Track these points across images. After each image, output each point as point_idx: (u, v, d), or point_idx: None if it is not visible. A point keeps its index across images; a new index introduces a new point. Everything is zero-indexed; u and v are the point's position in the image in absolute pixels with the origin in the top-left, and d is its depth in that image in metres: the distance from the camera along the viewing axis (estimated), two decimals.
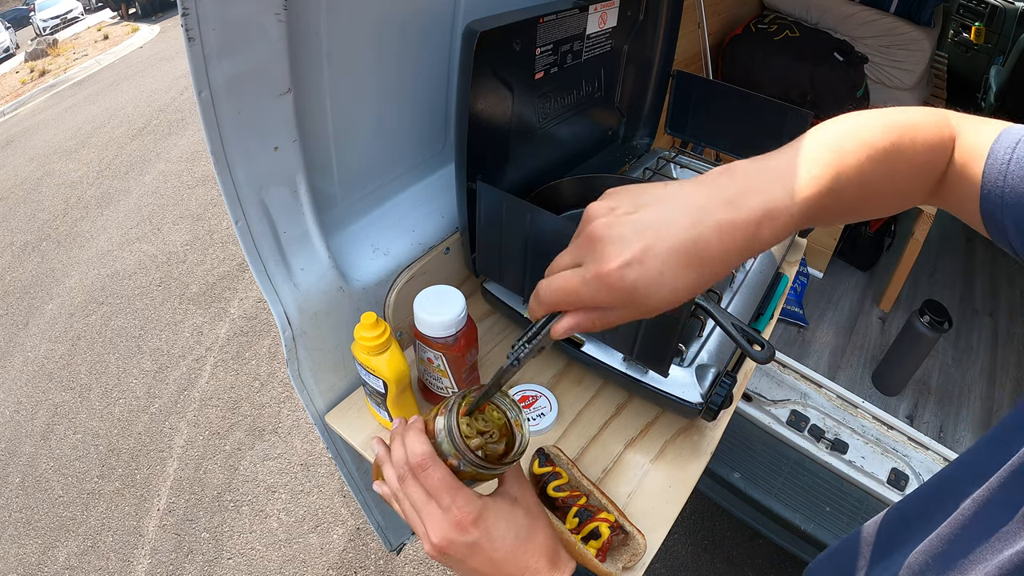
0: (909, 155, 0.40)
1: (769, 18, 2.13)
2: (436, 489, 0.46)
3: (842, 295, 2.05)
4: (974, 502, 0.35)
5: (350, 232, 0.78)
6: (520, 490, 0.50)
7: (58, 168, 5.02)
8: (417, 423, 0.50)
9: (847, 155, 0.38)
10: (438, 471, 0.46)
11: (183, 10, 0.44)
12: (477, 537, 0.45)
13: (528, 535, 0.47)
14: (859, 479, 1.27)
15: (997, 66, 3.54)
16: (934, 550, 0.37)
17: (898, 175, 0.40)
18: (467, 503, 0.45)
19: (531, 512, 0.49)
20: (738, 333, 0.63)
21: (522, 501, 0.49)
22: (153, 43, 10.16)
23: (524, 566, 0.46)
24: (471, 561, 0.46)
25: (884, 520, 0.47)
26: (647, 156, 1.14)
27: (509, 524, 0.47)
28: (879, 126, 0.40)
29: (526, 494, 0.50)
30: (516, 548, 0.46)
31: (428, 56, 0.75)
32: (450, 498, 0.45)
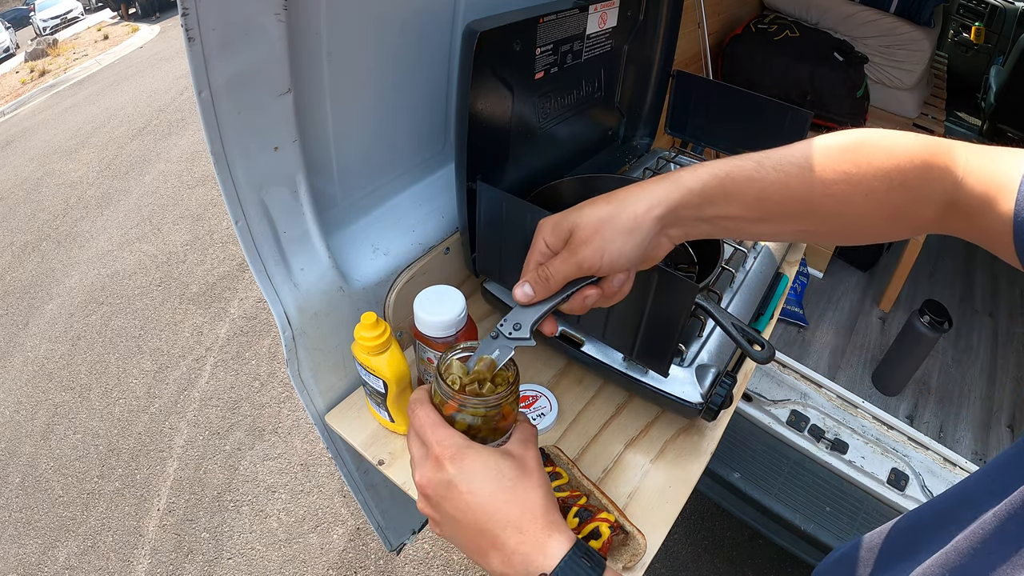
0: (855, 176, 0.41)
1: (769, 18, 2.13)
2: (420, 427, 0.45)
3: (842, 295, 2.05)
4: (995, 517, 0.34)
5: (350, 232, 0.78)
6: (520, 449, 0.46)
7: (58, 168, 5.02)
8: (424, 387, 0.49)
9: None
10: (421, 408, 0.45)
11: (183, 10, 0.44)
12: (453, 474, 0.42)
13: (512, 486, 0.43)
14: (859, 479, 1.27)
15: (997, 66, 3.54)
16: (951, 563, 0.36)
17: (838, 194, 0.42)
18: (446, 438, 0.43)
19: (524, 468, 0.44)
20: (738, 333, 0.63)
21: (518, 458, 0.45)
22: (153, 43, 10.17)
23: (505, 520, 0.41)
24: (447, 505, 0.43)
25: (894, 528, 0.46)
26: (647, 156, 1.14)
27: (491, 469, 0.43)
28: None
29: (526, 455, 0.46)
30: (496, 496, 0.42)
31: (428, 56, 0.75)
32: (431, 433, 0.44)
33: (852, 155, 0.42)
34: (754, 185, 0.44)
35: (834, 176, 0.42)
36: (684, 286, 0.60)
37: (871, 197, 0.42)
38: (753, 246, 0.93)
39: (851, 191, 0.42)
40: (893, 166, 0.42)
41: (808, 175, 0.42)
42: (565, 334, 0.78)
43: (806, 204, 0.43)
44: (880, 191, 0.42)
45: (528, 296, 0.49)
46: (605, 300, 0.50)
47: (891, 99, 2.38)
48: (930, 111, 2.51)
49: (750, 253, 0.91)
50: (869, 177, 0.42)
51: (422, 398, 0.46)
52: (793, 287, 1.88)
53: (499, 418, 0.47)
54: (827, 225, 0.45)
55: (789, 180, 0.43)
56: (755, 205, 0.44)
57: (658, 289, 0.62)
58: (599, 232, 0.45)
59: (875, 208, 0.43)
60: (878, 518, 1.24)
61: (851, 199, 0.42)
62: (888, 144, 0.42)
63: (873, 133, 0.43)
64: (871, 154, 0.42)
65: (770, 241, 0.47)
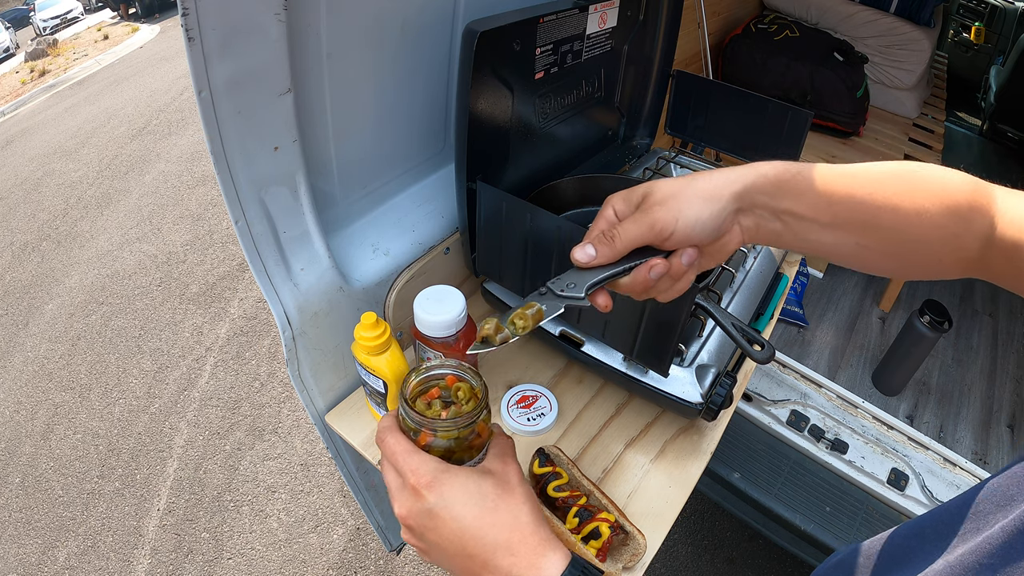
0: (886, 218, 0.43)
1: (769, 18, 2.13)
2: (392, 455, 0.43)
3: (842, 295, 2.05)
4: (1003, 531, 0.34)
5: (350, 232, 0.78)
6: (499, 465, 0.45)
7: (58, 168, 5.03)
8: (391, 412, 0.49)
9: None
10: (391, 436, 0.44)
11: (183, 10, 0.44)
12: (433, 503, 0.41)
13: (496, 507, 0.41)
14: (859, 479, 1.27)
15: (997, 66, 3.54)
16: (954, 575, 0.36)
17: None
18: (420, 465, 0.42)
19: (506, 485, 0.43)
20: (738, 333, 0.63)
21: (498, 475, 0.44)
22: (153, 43, 10.17)
23: (494, 543, 0.40)
24: (432, 535, 0.42)
25: (894, 535, 0.46)
26: (647, 156, 1.14)
27: (472, 492, 0.41)
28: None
29: (507, 470, 0.45)
30: (481, 519, 0.41)
31: (428, 56, 0.75)
32: (404, 462, 0.42)
33: (910, 177, 0.44)
34: (823, 186, 0.44)
35: (895, 192, 0.43)
36: None
37: (925, 218, 0.43)
38: (753, 246, 0.93)
39: (909, 207, 0.43)
40: (946, 193, 0.43)
41: (872, 187, 0.43)
42: (565, 334, 0.78)
43: (869, 215, 0.44)
44: (934, 213, 0.43)
45: (589, 256, 0.45)
46: (670, 280, 0.46)
47: (891, 99, 2.38)
48: (930, 111, 2.51)
49: (750, 253, 0.91)
50: (925, 198, 0.43)
51: (390, 425, 0.45)
52: (793, 287, 1.88)
53: (473, 436, 0.46)
54: (885, 242, 0.45)
55: (854, 188, 0.44)
56: (823, 208, 0.44)
57: None
58: (675, 196, 0.44)
59: (929, 231, 0.44)
60: (878, 518, 1.24)
61: (908, 217, 0.43)
62: (940, 174, 0.44)
63: (926, 164, 0.45)
64: (927, 179, 0.44)
65: (833, 257, 0.48)
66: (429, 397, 0.48)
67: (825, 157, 1.94)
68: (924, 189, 0.43)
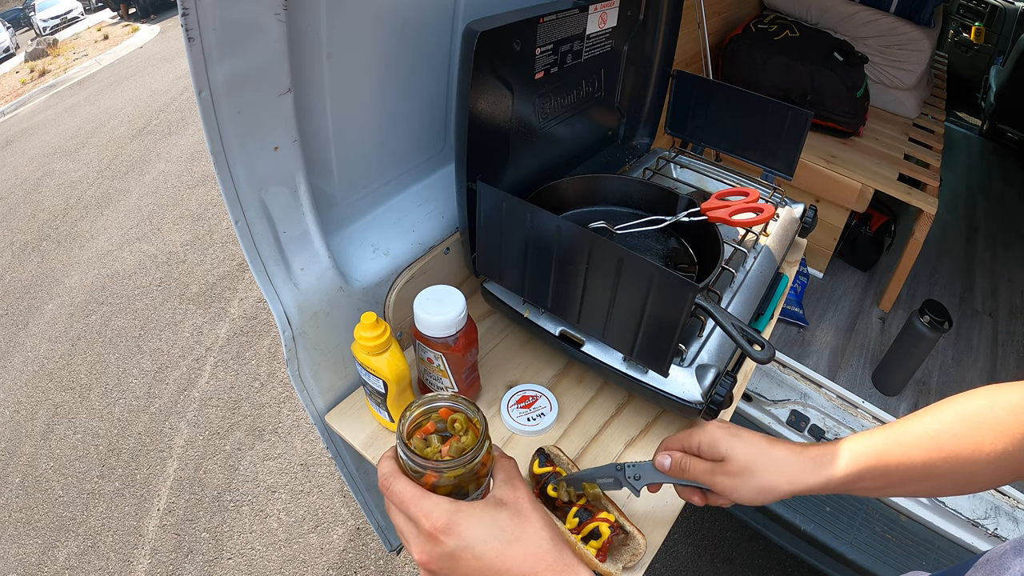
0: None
1: (769, 18, 2.13)
2: (401, 502, 0.43)
3: (842, 295, 2.05)
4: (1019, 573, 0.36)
5: (350, 232, 0.78)
6: (510, 492, 0.45)
7: (58, 168, 5.02)
8: (390, 450, 0.47)
9: None
10: (397, 483, 0.43)
11: (183, 10, 0.44)
12: (453, 546, 0.41)
13: (516, 538, 0.42)
14: None
15: (997, 66, 3.54)
16: None
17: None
18: (433, 509, 0.42)
19: (520, 513, 0.44)
20: (738, 333, 0.63)
21: (511, 504, 0.44)
22: (153, 43, 10.16)
23: (520, 575, 0.41)
24: (457, 575, 0.42)
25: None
26: (647, 156, 1.14)
27: (489, 528, 0.42)
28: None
29: (518, 496, 0.45)
30: (503, 553, 0.41)
31: (428, 56, 0.75)
32: (415, 507, 0.42)
33: (975, 425, 0.48)
34: (882, 465, 0.50)
35: (959, 447, 0.48)
36: (684, 286, 0.60)
37: (980, 458, 0.47)
38: (753, 246, 0.93)
39: (972, 457, 0.48)
40: (1003, 435, 0.47)
41: (933, 450, 0.49)
42: (565, 334, 0.78)
43: (926, 473, 0.49)
44: (994, 455, 0.47)
45: (664, 468, 0.59)
46: (698, 502, 0.60)
47: (891, 99, 2.38)
48: (930, 111, 2.51)
49: (750, 253, 0.91)
50: (981, 443, 0.47)
51: (392, 471, 0.45)
52: (793, 287, 1.88)
53: (479, 467, 0.45)
54: (944, 487, 0.51)
55: (913, 456, 0.49)
56: (882, 480, 0.51)
57: (658, 289, 0.62)
58: (742, 476, 0.54)
59: (985, 466, 0.48)
60: (878, 518, 1.24)
61: (964, 463, 0.48)
62: (996, 416, 0.48)
63: (982, 402, 0.49)
64: (982, 431, 0.47)
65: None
66: (424, 432, 0.46)
67: (825, 157, 1.94)
68: (985, 431, 0.47)
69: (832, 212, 1.94)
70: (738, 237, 0.91)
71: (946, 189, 2.52)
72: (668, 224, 0.83)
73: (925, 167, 2.09)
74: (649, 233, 0.87)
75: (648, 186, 0.91)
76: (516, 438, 0.75)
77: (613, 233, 0.83)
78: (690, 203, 0.85)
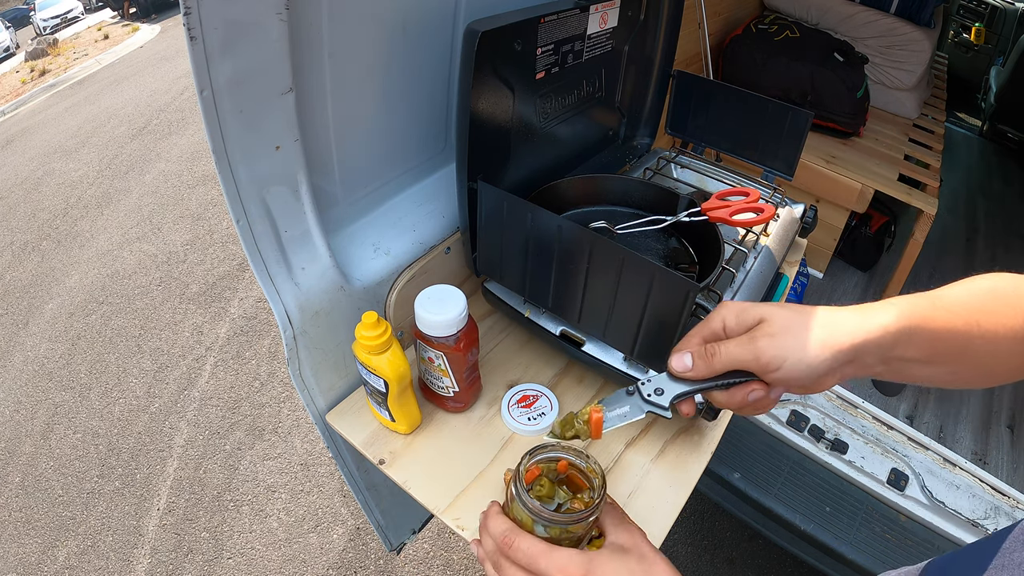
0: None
1: (769, 18, 2.13)
2: (530, 559, 0.43)
3: (842, 295, 2.05)
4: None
5: (351, 231, 0.78)
6: (627, 537, 0.46)
7: (58, 168, 5.03)
8: (494, 506, 0.48)
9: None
10: (523, 541, 0.44)
11: (185, 9, 0.44)
12: None
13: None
14: (859, 479, 1.27)
15: (997, 67, 3.54)
16: None
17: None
18: (569, 561, 0.42)
19: (646, 559, 0.44)
20: None
21: (633, 549, 0.45)
22: (153, 43, 10.17)
23: None
24: None
25: (932, 564, 0.47)
26: (647, 156, 1.14)
27: (623, 574, 0.43)
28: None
29: (635, 539, 0.46)
30: None
31: (429, 56, 0.75)
32: (548, 563, 0.42)
33: (1003, 296, 0.46)
34: (929, 327, 0.45)
35: (988, 317, 0.45)
36: (684, 286, 0.60)
37: (1017, 338, 0.45)
38: (753, 246, 0.93)
39: (1002, 331, 0.45)
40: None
41: (968, 315, 0.45)
42: (566, 333, 0.78)
43: (964, 345, 0.46)
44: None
45: (685, 368, 0.47)
46: (764, 404, 0.48)
47: (891, 100, 2.38)
48: (930, 112, 2.52)
49: (750, 253, 0.91)
50: (1016, 317, 0.45)
51: (512, 527, 0.45)
52: (793, 287, 1.88)
53: (599, 514, 0.46)
54: (977, 367, 0.47)
55: (955, 322, 0.45)
56: (927, 347, 0.46)
57: (659, 289, 0.62)
58: (790, 332, 0.44)
59: (1015, 345, 0.46)
60: (878, 518, 1.25)
61: (1001, 341, 0.45)
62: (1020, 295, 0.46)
63: (1006, 282, 0.47)
64: (1018, 296, 0.46)
65: (922, 383, 0.51)
66: (531, 477, 0.47)
67: (825, 157, 1.94)
68: (1015, 307, 0.45)
69: (832, 212, 1.94)
70: (738, 237, 0.92)
71: (946, 189, 2.52)
72: (669, 224, 0.83)
73: (925, 167, 2.10)
74: (650, 233, 0.87)
75: (649, 186, 0.92)
76: (517, 437, 0.75)
77: (614, 233, 0.83)
78: (690, 203, 0.85)
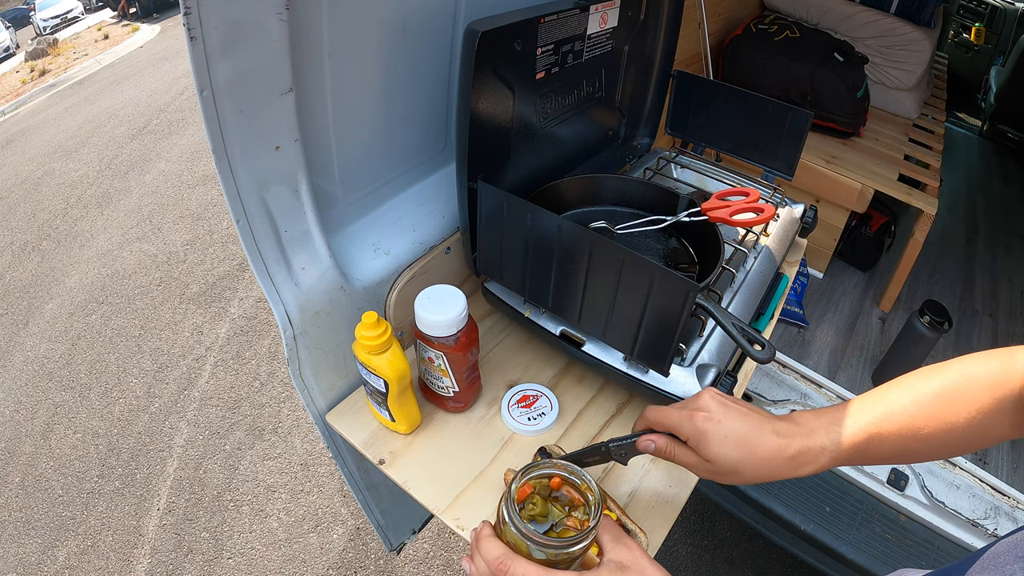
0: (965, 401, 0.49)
1: (769, 18, 2.13)
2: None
3: (842, 295, 2.05)
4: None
5: (351, 231, 0.78)
6: (627, 553, 0.45)
7: (58, 168, 5.03)
8: (485, 528, 0.47)
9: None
10: (519, 565, 0.43)
11: (185, 9, 0.44)
12: None
13: None
14: (859, 479, 1.27)
15: (997, 67, 3.55)
16: None
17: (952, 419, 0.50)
18: None
19: (645, 574, 0.45)
20: (738, 333, 0.63)
21: (632, 565, 0.45)
22: (153, 43, 10.17)
23: None
24: None
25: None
26: (647, 156, 1.14)
27: None
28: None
29: (634, 555, 0.45)
30: None
31: (429, 56, 0.75)
32: None
33: (949, 400, 0.50)
34: (861, 452, 0.51)
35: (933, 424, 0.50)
36: (684, 286, 0.60)
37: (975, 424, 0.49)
38: (753, 246, 0.93)
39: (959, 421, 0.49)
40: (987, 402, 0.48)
41: (914, 425, 0.50)
42: (566, 333, 0.78)
43: (903, 449, 0.51)
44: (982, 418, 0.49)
45: (647, 451, 0.58)
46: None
47: (891, 100, 2.38)
48: (930, 112, 2.52)
49: (750, 253, 0.91)
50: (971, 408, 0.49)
51: (507, 552, 0.44)
52: (793, 287, 1.88)
53: (596, 535, 0.45)
54: (931, 452, 0.52)
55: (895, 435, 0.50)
56: (865, 457, 0.52)
57: (659, 289, 0.62)
58: (728, 476, 0.53)
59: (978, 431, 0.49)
60: (878, 518, 1.25)
61: (957, 431, 0.50)
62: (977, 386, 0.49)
63: (963, 371, 0.51)
64: (967, 400, 0.49)
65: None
66: (523, 496, 0.46)
67: (825, 157, 1.94)
68: (966, 409, 0.48)
69: (832, 212, 1.94)
70: (738, 237, 0.92)
71: (946, 189, 2.52)
72: (669, 224, 0.83)
73: (925, 167, 2.10)
74: (650, 233, 0.87)
75: (649, 186, 0.92)
76: (517, 437, 0.75)
77: (614, 233, 0.83)
78: (690, 203, 0.85)
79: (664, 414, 0.57)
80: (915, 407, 0.50)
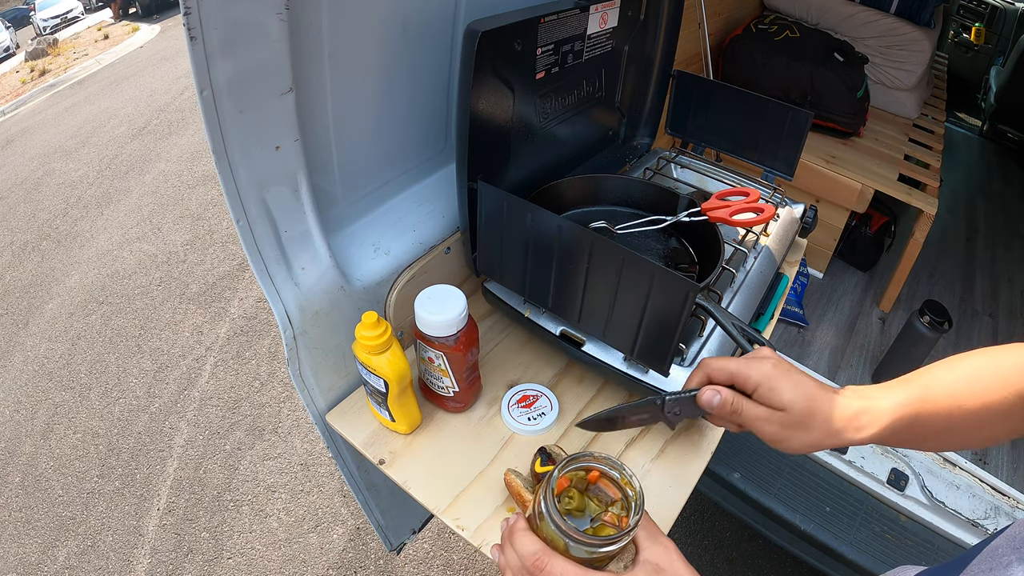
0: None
1: (769, 18, 2.13)
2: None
3: (842, 295, 2.05)
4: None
5: (351, 231, 0.78)
6: (662, 553, 0.44)
7: (58, 168, 5.02)
8: (519, 521, 0.46)
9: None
10: (557, 564, 0.42)
11: (185, 9, 0.44)
12: None
13: None
14: (859, 479, 1.27)
15: (997, 67, 3.55)
16: None
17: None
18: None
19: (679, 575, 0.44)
20: (738, 333, 0.63)
21: (668, 568, 0.44)
22: (153, 43, 10.16)
23: None
24: None
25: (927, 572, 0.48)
26: (647, 156, 1.14)
27: None
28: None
29: (670, 556, 0.44)
30: None
31: (429, 56, 0.75)
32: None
33: (985, 383, 0.50)
34: (916, 422, 0.51)
35: (973, 401, 0.50)
36: (684, 286, 0.60)
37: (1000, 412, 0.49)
38: (753, 246, 0.93)
39: (988, 410, 0.49)
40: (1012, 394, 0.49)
41: (956, 403, 0.50)
42: (566, 333, 0.78)
43: (949, 426, 0.51)
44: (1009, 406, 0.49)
45: (711, 407, 0.54)
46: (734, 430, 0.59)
47: (891, 100, 2.38)
48: (930, 112, 2.52)
49: (750, 253, 0.91)
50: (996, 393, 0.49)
51: (543, 548, 0.43)
52: (793, 287, 1.88)
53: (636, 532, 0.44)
54: (960, 442, 0.53)
55: (941, 409, 0.50)
56: (913, 436, 0.52)
57: (659, 289, 0.62)
58: (797, 429, 0.52)
59: (1003, 419, 0.50)
60: (878, 518, 1.25)
61: (984, 416, 0.50)
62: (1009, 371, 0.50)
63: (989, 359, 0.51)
64: (1002, 383, 0.49)
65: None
66: (560, 489, 0.45)
67: (825, 157, 1.94)
68: (992, 387, 0.49)
69: (832, 212, 1.94)
70: (738, 237, 0.92)
71: (946, 189, 2.52)
72: (669, 224, 0.83)
73: (925, 167, 2.10)
74: (650, 233, 0.87)
75: (649, 186, 0.92)
76: (517, 437, 0.75)
77: (614, 233, 0.83)
78: (690, 203, 0.85)
79: (728, 361, 0.54)
80: (956, 383, 0.50)
